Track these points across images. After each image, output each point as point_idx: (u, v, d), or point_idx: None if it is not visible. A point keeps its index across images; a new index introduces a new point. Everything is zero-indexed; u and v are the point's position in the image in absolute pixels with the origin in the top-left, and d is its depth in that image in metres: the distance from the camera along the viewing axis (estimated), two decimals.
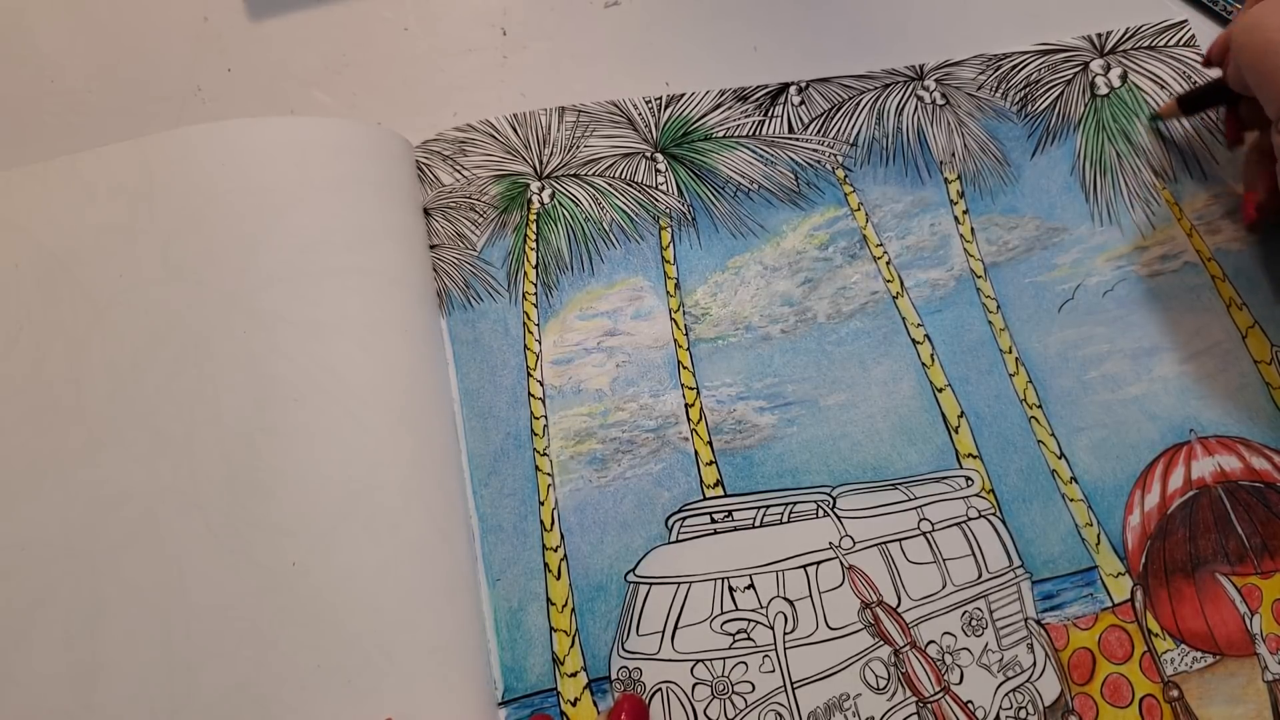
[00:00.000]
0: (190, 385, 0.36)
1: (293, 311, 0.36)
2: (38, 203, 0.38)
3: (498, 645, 0.34)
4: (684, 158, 0.43)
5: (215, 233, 0.38)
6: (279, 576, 0.33)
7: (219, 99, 0.45)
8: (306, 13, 0.47)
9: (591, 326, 0.40)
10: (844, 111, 0.44)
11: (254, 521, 0.34)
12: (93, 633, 0.32)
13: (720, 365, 0.39)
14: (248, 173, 0.38)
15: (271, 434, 0.35)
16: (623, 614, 0.35)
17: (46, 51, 0.45)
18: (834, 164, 0.43)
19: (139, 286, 0.37)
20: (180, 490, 0.34)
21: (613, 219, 0.42)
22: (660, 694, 0.33)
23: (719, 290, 0.41)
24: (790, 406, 0.38)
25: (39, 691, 0.32)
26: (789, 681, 0.33)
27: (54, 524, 0.34)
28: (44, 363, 0.36)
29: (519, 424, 0.38)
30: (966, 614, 0.35)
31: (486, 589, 0.35)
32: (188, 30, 0.46)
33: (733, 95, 0.44)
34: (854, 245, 0.41)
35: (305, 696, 0.32)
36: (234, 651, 0.32)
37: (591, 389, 0.39)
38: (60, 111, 0.44)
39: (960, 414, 0.38)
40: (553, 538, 0.36)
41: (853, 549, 0.35)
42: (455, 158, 0.42)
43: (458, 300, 0.40)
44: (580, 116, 0.44)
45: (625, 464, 0.37)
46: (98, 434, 0.35)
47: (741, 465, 0.37)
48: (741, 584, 0.35)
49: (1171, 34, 0.46)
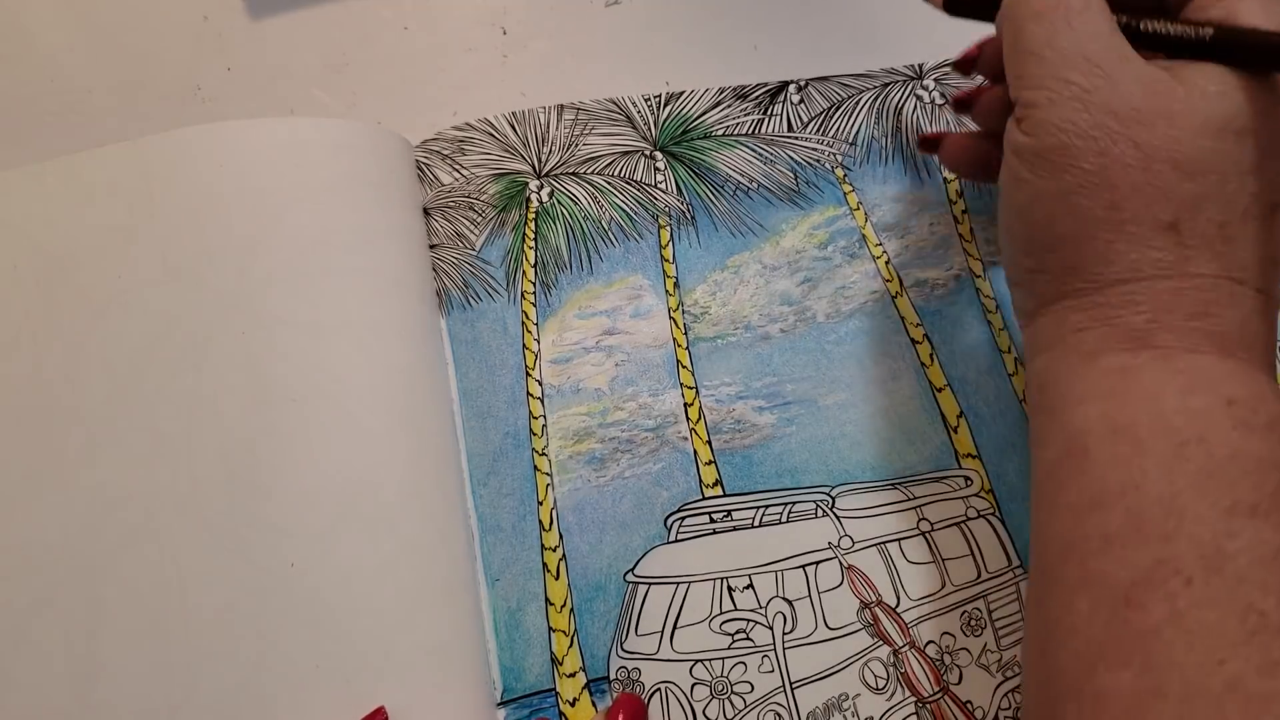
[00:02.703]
0: (189, 386, 0.36)
1: (292, 312, 0.36)
2: (36, 203, 0.38)
3: (496, 645, 0.34)
4: (683, 156, 0.43)
5: (214, 233, 0.38)
6: (277, 577, 0.33)
7: (219, 98, 0.45)
8: (306, 12, 0.47)
9: (590, 325, 0.40)
10: (843, 110, 0.44)
11: (252, 522, 0.34)
12: (91, 633, 0.33)
13: (719, 364, 0.39)
14: (247, 173, 0.38)
15: (270, 434, 0.35)
16: (621, 614, 0.35)
17: (45, 51, 0.45)
18: (833, 163, 0.43)
19: (138, 287, 0.37)
20: (178, 491, 0.34)
21: (611, 217, 0.42)
22: (659, 694, 0.33)
23: (718, 289, 0.41)
24: (789, 406, 0.38)
25: (38, 692, 0.32)
26: (788, 682, 0.33)
27: (52, 525, 0.34)
28: (42, 364, 0.36)
29: (518, 423, 0.38)
30: (966, 614, 0.34)
31: (485, 589, 0.35)
32: (187, 29, 0.46)
33: (732, 93, 0.44)
34: (853, 244, 0.41)
35: (304, 697, 0.32)
36: (232, 652, 0.32)
37: (590, 388, 0.39)
38: (59, 111, 0.44)
39: (959, 414, 0.38)
40: (551, 537, 0.36)
41: (852, 549, 0.35)
42: (454, 157, 0.42)
43: (457, 300, 0.40)
44: (579, 115, 0.43)
45: (624, 463, 0.37)
46: (96, 435, 0.35)
47: (740, 465, 0.37)
48: (740, 584, 0.35)
49: None
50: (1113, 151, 0.27)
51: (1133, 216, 0.27)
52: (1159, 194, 0.26)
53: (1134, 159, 0.27)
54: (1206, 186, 0.26)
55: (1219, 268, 0.27)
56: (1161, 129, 0.26)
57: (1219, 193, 0.27)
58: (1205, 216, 0.27)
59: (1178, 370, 0.27)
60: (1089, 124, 0.27)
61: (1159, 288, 0.27)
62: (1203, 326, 0.27)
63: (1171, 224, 0.27)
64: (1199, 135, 0.26)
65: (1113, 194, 0.27)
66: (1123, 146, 0.27)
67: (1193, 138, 0.26)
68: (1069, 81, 0.27)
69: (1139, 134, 0.27)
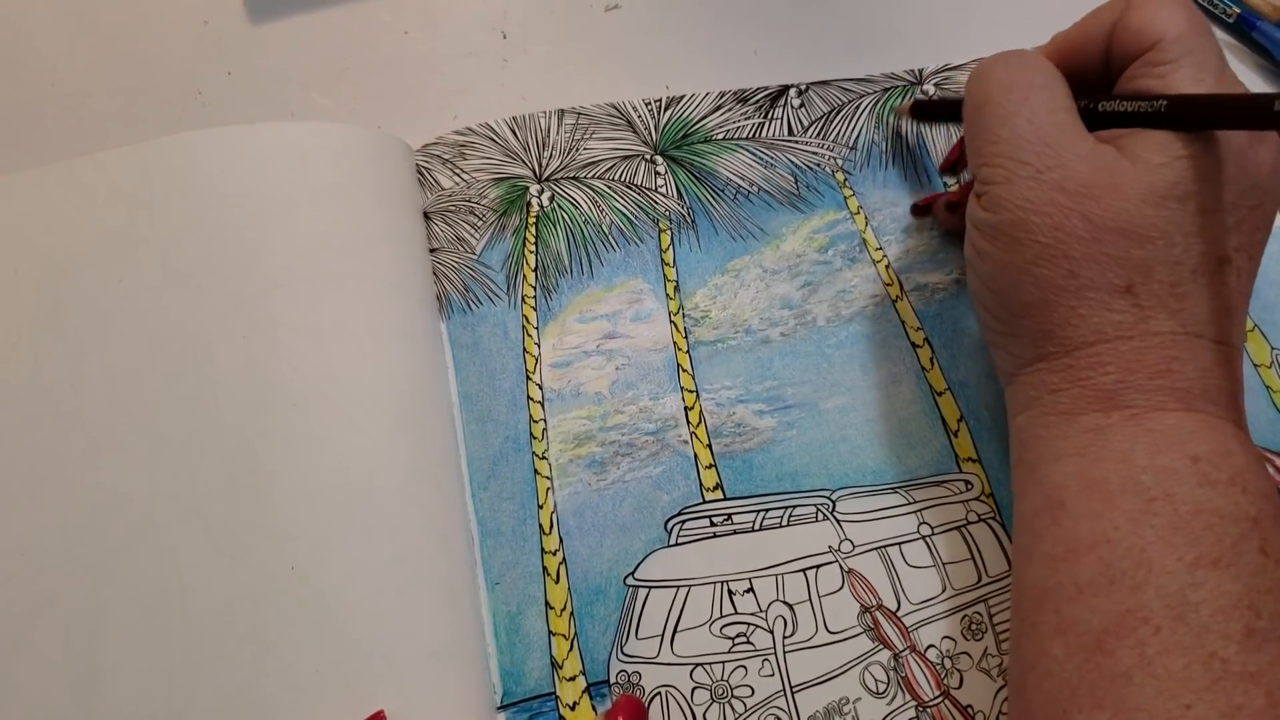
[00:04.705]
0: (190, 390, 0.36)
1: (292, 316, 0.37)
2: (37, 208, 0.38)
3: (496, 649, 0.34)
4: (683, 160, 0.43)
5: (215, 237, 0.38)
6: (278, 581, 0.33)
7: (219, 102, 0.45)
8: (307, 16, 0.47)
9: (591, 329, 0.40)
10: (844, 115, 0.44)
11: (253, 526, 0.34)
12: (92, 637, 0.32)
13: (720, 368, 0.39)
14: (247, 177, 0.38)
15: (271, 438, 0.35)
16: (622, 617, 0.35)
17: (46, 55, 0.45)
18: (834, 167, 0.43)
19: (139, 291, 0.37)
20: (179, 495, 0.34)
21: (612, 221, 0.42)
22: (659, 698, 0.33)
23: (718, 293, 0.41)
24: (790, 410, 0.38)
25: (38, 696, 0.32)
26: (788, 685, 0.33)
27: (53, 529, 0.34)
28: (43, 368, 0.36)
29: (518, 427, 0.38)
30: (966, 618, 0.34)
31: (485, 593, 0.35)
32: (188, 33, 0.46)
33: (732, 98, 0.44)
34: (853, 248, 0.41)
35: (304, 700, 0.32)
36: (233, 655, 0.32)
37: (591, 392, 0.39)
38: (60, 115, 0.44)
39: (960, 418, 0.38)
40: (551, 541, 0.36)
41: (852, 553, 0.35)
42: (455, 161, 0.42)
43: (457, 304, 0.40)
44: (579, 119, 0.44)
45: (624, 467, 0.37)
46: (97, 439, 0.35)
47: (741, 468, 0.37)
48: (741, 588, 0.35)
49: None
50: (1066, 225, 0.29)
51: (1090, 283, 0.29)
52: (1111, 261, 0.28)
53: (1085, 230, 0.28)
54: (1155, 250, 0.28)
55: (1176, 324, 0.29)
56: (1108, 201, 0.28)
57: (1167, 255, 0.28)
58: (1157, 278, 0.28)
59: (1147, 430, 0.28)
60: (1043, 200, 0.29)
61: (1122, 349, 0.29)
62: (1166, 384, 0.28)
63: (1127, 288, 0.28)
64: (1144, 204, 0.28)
65: (1069, 263, 0.29)
66: (1074, 220, 0.29)
67: (1138, 207, 0.28)
68: (1023, 162, 0.30)
69: (1088, 207, 0.28)
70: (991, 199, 0.30)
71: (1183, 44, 0.30)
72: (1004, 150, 0.30)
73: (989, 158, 0.31)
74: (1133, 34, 0.31)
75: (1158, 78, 0.30)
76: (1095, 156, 0.29)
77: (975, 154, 0.32)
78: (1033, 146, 0.30)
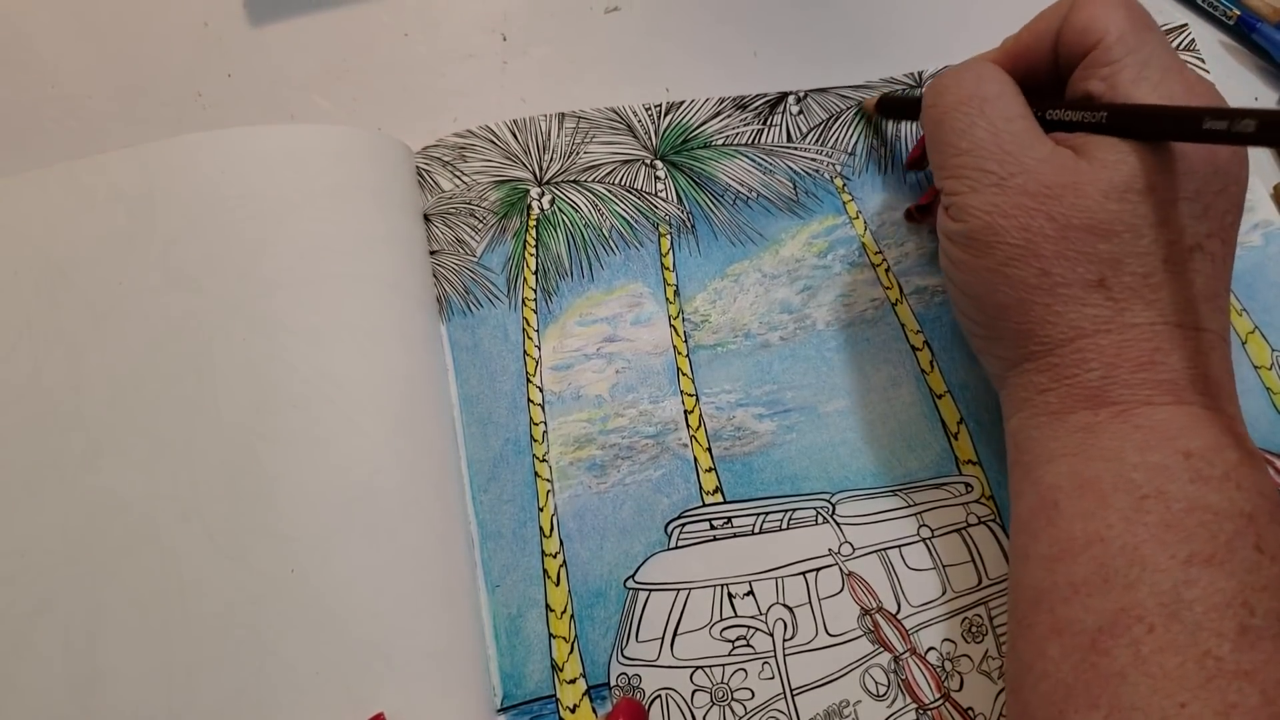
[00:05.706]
0: (190, 392, 0.36)
1: (292, 318, 0.36)
2: (37, 210, 0.38)
3: (497, 652, 0.34)
4: (683, 165, 0.43)
5: (215, 239, 0.38)
6: (278, 583, 0.33)
7: (219, 104, 0.45)
8: (307, 18, 0.47)
9: (591, 332, 0.40)
10: (842, 121, 0.44)
11: (253, 528, 0.34)
12: (92, 639, 0.32)
13: (719, 372, 0.39)
14: (247, 180, 0.38)
15: (271, 440, 0.35)
16: (622, 620, 0.35)
17: (46, 57, 0.45)
18: (832, 173, 0.43)
19: (139, 293, 0.37)
20: (180, 496, 0.34)
21: (612, 225, 0.42)
22: (659, 700, 0.33)
23: (718, 297, 0.41)
24: (789, 413, 0.38)
25: (39, 698, 0.32)
26: (788, 688, 0.33)
27: (54, 530, 0.34)
28: (44, 369, 0.36)
29: (518, 430, 0.38)
30: (967, 620, 0.35)
31: (486, 595, 0.35)
32: (188, 35, 0.46)
33: (732, 104, 0.44)
34: (853, 253, 0.41)
35: (304, 702, 0.32)
36: (233, 658, 0.32)
37: (591, 395, 0.39)
38: (60, 117, 0.44)
39: (960, 420, 0.38)
40: (552, 544, 0.36)
41: (852, 555, 0.35)
42: (455, 163, 0.42)
43: (457, 306, 0.40)
44: (580, 123, 0.44)
45: (624, 470, 0.37)
46: (97, 440, 0.35)
47: (741, 472, 0.37)
48: (741, 590, 0.35)
49: (1171, 38, 0.46)
50: (1033, 226, 0.29)
51: (1062, 280, 0.29)
52: (1081, 257, 0.29)
53: (1052, 230, 0.29)
54: (1122, 244, 0.29)
55: (1154, 315, 0.29)
56: (1070, 200, 0.29)
57: (1135, 247, 0.29)
58: (1128, 270, 0.29)
59: (1136, 426, 0.28)
60: (1009, 204, 0.30)
61: (1103, 343, 0.29)
62: (1151, 376, 0.29)
63: (1099, 281, 0.29)
64: (1106, 200, 0.29)
65: (1040, 262, 0.29)
66: (1040, 220, 0.29)
67: (1100, 203, 0.29)
68: (987, 171, 0.30)
69: (1052, 207, 0.29)
70: (959, 208, 0.31)
71: (1124, 44, 0.30)
72: (967, 161, 0.31)
73: (953, 170, 0.31)
74: (1077, 34, 0.31)
75: (1102, 79, 0.30)
76: (1055, 158, 0.30)
77: (939, 168, 0.32)
78: (994, 155, 0.30)
